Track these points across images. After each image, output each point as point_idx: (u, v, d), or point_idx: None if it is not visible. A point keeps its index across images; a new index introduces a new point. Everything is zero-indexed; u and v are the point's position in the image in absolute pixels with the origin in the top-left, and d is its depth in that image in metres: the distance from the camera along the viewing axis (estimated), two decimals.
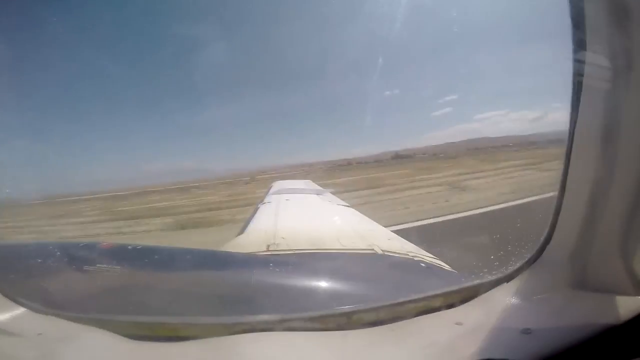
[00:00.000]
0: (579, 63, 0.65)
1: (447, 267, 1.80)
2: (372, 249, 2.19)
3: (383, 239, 2.60)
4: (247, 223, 3.65)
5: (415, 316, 0.76)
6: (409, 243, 2.46)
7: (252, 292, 1.27)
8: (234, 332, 0.72)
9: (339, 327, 0.74)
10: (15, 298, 0.72)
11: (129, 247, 1.55)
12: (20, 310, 0.71)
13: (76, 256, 1.35)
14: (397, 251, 2.12)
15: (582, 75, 0.65)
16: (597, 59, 0.62)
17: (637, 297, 0.66)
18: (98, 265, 1.23)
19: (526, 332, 0.63)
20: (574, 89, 0.67)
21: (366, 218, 3.64)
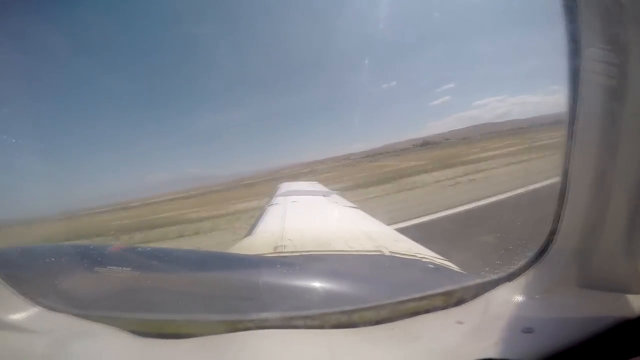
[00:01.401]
0: (575, 54, 0.64)
1: (455, 268, 1.78)
2: (380, 250, 2.18)
3: (391, 240, 2.59)
4: (254, 225, 3.68)
5: (416, 315, 0.75)
6: (417, 244, 2.44)
7: (258, 292, 1.28)
8: (236, 329, 0.72)
9: (340, 325, 0.74)
10: (29, 297, 0.75)
11: (138, 250, 1.58)
12: (34, 309, 0.73)
13: (88, 258, 1.40)
14: (405, 252, 2.10)
15: (579, 69, 0.64)
16: (594, 50, 0.61)
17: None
18: (108, 266, 1.26)
19: (528, 331, 0.62)
20: (571, 82, 0.65)
21: (373, 219, 3.63)
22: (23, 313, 0.71)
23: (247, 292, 1.23)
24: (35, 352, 0.60)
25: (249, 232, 3.40)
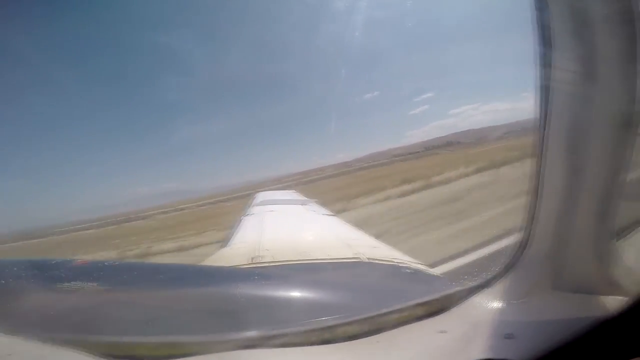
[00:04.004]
0: (545, 66, 0.69)
1: (432, 271, 1.83)
2: (358, 257, 2.19)
3: (368, 246, 2.61)
4: (230, 236, 3.58)
5: (400, 326, 0.75)
6: (394, 250, 2.48)
7: (237, 306, 1.24)
8: (217, 350, 0.69)
9: (324, 342, 0.73)
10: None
11: (106, 264, 1.48)
12: None
13: (48, 274, 1.28)
14: (383, 258, 2.13)
15: (549, 77, 0.68)
16: (562, 63, 0.66)
17: (613, 297, 0.68)
18: (72, 282, 1.16)
19: (509, 337, 0.65)
20: (541, 92, 0.70)
21: (351, 227, 3.66)
22: None
23: (225, 307, 1.19)
24: None
25: (224, 243, 3.31)
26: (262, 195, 8.28)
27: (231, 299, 1.25)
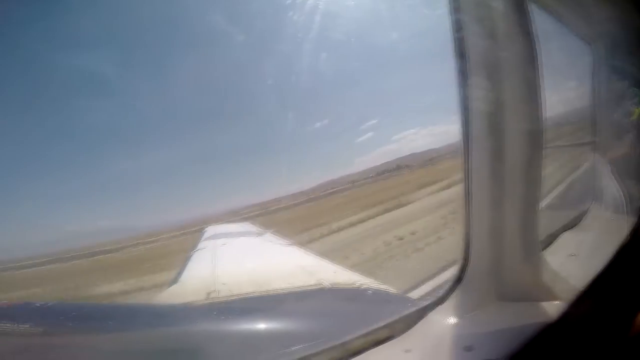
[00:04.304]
0: (465, 88, 0.79)
1: (392, 290, 1.89)
2: (320, 284, 2.17)
3: (329, 272, 2.61)
4: (179, 272, 3.29)
5: (366, 350, 0.75)
6: (355, 273, 2.51)
7: (197, 345, 1.14)
8: None
9: None
10: None
11: (37, 305, 1.24)
12: None
13: None
14: (344, 282, 2.15)
15: (468, 99, 0.79)
16: (480, 86, 0.76)
17: (550, 302, 0.76)
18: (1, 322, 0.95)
19: (468, 349, 0.68)
20: (462, 113, 0.80)
21: (310, 254, 3.63)
22: None
23: (185, 347, 1.07)
24: None
25: (174, 280, 3.03)
26: (212, 229, 7.83)
27: (191, 338, 1.14)
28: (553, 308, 0.75)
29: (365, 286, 1.97)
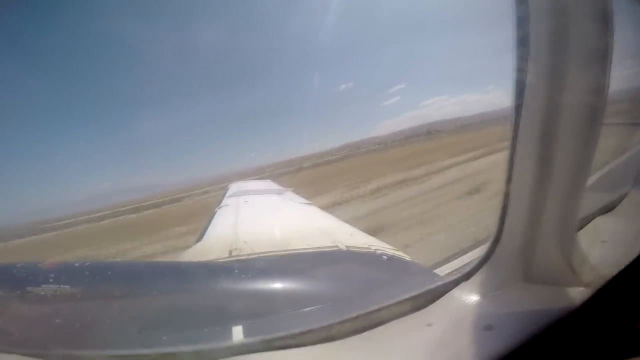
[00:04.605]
0: (520, 60, 0.70)
1: (407, 257, 1.92)
2: (337, 246, 2.24)
3: (346, 234, 2.67)
4: (204, 229, 3.49)
5: (389, 321, 0.77)
6: (370, 236, 2.56)
7: (220, 301, 1.23)
8: (211, 359, 0.68)
9: (319, 341, 0.73)
10: None
11: (77, 265, 1.38)
12: None
13: (17, 280, 1.17)
14: (360, 245, 2.19)
15: (523, 72, 0.70)
16: (537, 58, 0.67)
17: (577, 288, 0.73)
18: (43, 285, 1.07)
19: (488, 328, 0.68)
20: (515, 87, 0.72)
21: (328, 215, 3.70)
22: None
23: (208, 303, 1.17)
24: None
25: (200, 237, 3.23)
26: (236, 186, 8.10)
27: (215, 294, 1.23)
28: (579, 294, 0.72)
29: (380, 251, 2.00)
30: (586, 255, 0.76)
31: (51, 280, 1.10)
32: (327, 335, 0.73)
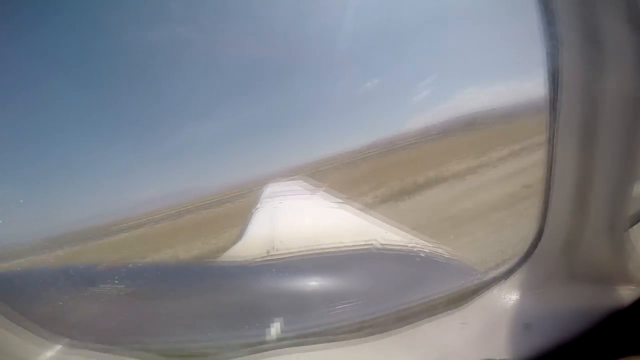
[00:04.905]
0: (553, 51, 0.66)
1: (446, 253, 1.85)
2: (372, 244, 2.22)
3: (381, 232, 2.63)
4: (243, 230, 3.64)
5: (421, 319, 0.76)
6: (407, 233, 2.50)
7: (261, 300, 1.28)
8: (254, 351, 0.72)
9: (350, 338, 0.74)
10: (49, 333, 0.71)
11: (129, 266, 1.53)
12: (57, 346, 0.69)
13: (88, 280, 1.33)
14: (396, 243, 2.16)
15: (558, 65, 0.65)
16: (572, 49, 0.62)
17: (626, 287, 0.68)
18: (101, 285, 1.20)
19: (527, 327, 0.66)
20: (550, 80, 0.67)
21: (362, 213, 3.68)
22: (48, 353, 0.67)
23: (248, 300, 1.23)
24: None
25: (239, 237, 3.37)
26: (271, 187, 8.34)
27: (253, 293, 1.29)
28: (626, 294, 0.66)
29: (417, 248, 1.96)
30: (637, 253, 0.68)
31: (115, 279, 1.23)
32: (360, 332, 0.74)
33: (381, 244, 2.19)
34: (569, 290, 0.71)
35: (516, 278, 0.78)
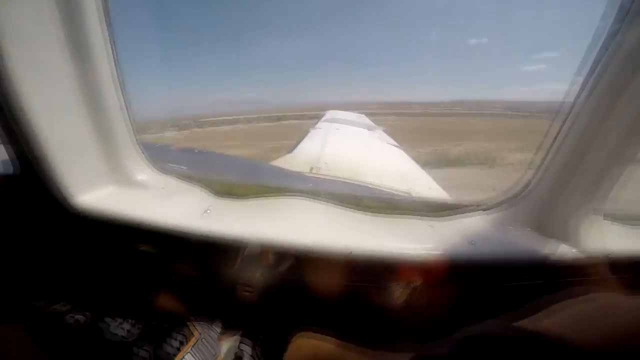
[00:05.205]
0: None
1: None
2: (408, 192, 2.23)
3: (424, 185, 2.61)
4: (296, 144, 3.83)
5: (407, 215, 0.87)
6: (450, 195, 2.44)
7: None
8: (281, 196, 0.90)
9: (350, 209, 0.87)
10: (150, 162, 0.98)
11: (196, 151, 1.88)
12: (152, 172, 0.97)
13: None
14: (433, 198, 2.14)
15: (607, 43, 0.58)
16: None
17: (574, 247, 0.72)
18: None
19: (472, 243, 0.75)
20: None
21: (412, 162, 3.59)
22: (145, 174, 0.95)
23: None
24: (151, 201, 0.84)
25: (290, 150, 3.57)
26: (332, 113, 8.29)
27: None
28: (569, 253, 0.72)
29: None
30: (600, 228, 0.72)
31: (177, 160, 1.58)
32: (357, 207, 0.87)
33: (418, 196, 2.19)
34: (527, 238, 0.77)
35: (492, 214, 0.84)
